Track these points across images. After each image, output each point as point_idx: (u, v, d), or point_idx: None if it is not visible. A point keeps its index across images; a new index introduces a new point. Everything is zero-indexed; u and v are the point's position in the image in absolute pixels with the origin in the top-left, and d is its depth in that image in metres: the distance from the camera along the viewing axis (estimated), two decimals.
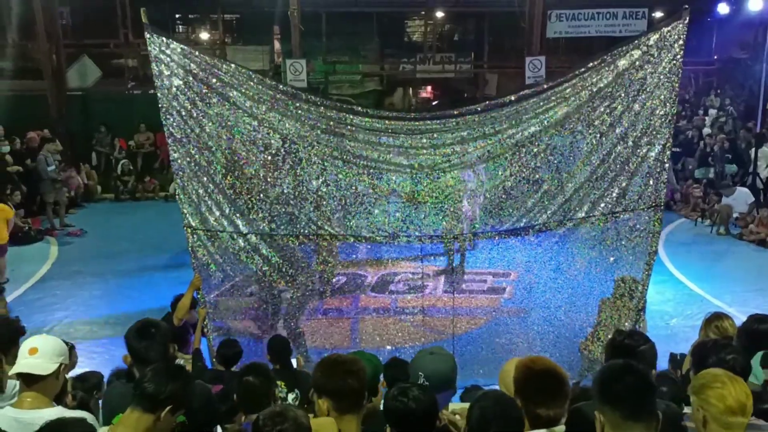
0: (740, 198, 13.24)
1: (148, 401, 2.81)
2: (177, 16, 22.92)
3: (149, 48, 5.39)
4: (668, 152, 5.70)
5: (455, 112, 5.90)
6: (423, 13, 22.82)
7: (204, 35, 22.94)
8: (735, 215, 13.17)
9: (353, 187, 5.97)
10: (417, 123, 5.91)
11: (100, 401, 5.05)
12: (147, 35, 5.38)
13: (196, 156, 5.61)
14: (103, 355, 7.29)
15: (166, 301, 6.35)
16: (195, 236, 5.76)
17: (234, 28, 23.83)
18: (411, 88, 24.34)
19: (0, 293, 5.44)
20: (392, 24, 23.76)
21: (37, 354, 3.15)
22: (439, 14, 22.70)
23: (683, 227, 13.78)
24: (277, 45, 21.76)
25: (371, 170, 5.96)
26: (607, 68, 5.61)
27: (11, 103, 15.96)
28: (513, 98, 5.81)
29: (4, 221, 10.32)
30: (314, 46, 20.61)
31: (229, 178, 5.76)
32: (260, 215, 5.90)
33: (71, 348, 5.13)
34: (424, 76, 22.79)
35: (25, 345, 3.23)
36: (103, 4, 20.01)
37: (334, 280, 6.45)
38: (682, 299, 9.38)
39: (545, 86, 5.80)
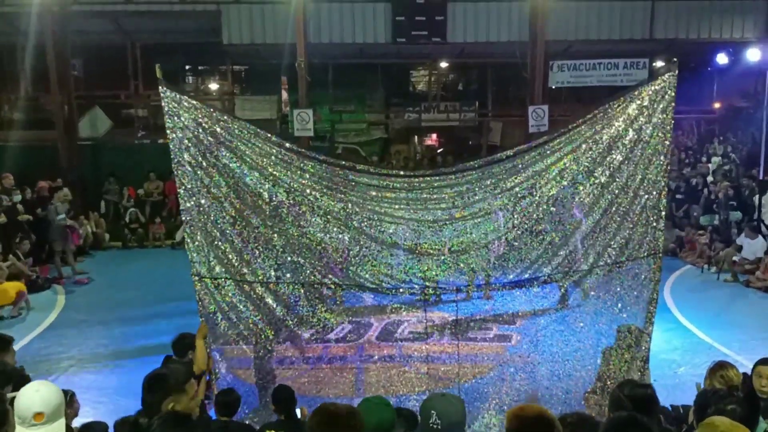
0: (755, 246, 13.23)
1: None
2: (187, 67, 23.44)
3: (163, 102, 5.54)
4: (664, 200, 5.77)
5: (453, 169, 6.05)
6: (427, 63, 23.27)
7: (213, 86, 23.44)
8: (735, 258, 13.16)
9: (355, 240, 6.06)
10: (417, 180, 6.05)
11: None
12: (161, 90, 5.54)
13: (206, 206, 5.72)
14: (107, 405, 7.25)
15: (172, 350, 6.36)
16: (202, 284, 5.82)
17: (242, 78, 24.33)
18: (416, 137, 24.64)
19: (9, 344, 5.46)
20: (397, 74, 24.22)
21: (44, 419, 3.05)
22: (444, 64, 23.16)
23: (689, 274, 13.74)
24: (284, 95, 22.13)
25: (373, 223, 6.05)
26: (602, 121, 5.73)
27: (23, 153, 16.25)
28: (511, 153, 5.91)
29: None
30: (321, 96, 20.99)
31: (236, 227, 5.85)
32: (266, 263, 5.97)
33: (71, 396, 5.14)
34: (429, 124, 23.12)
35: (28, 408, 3.08)
36: (114, 56, 20.55)
37: (338, 328, 6.45)
38: (689, 347, 9.29)
39: (541, 141, 5.89)
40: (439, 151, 24.11)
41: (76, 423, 5.19)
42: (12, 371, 4.38)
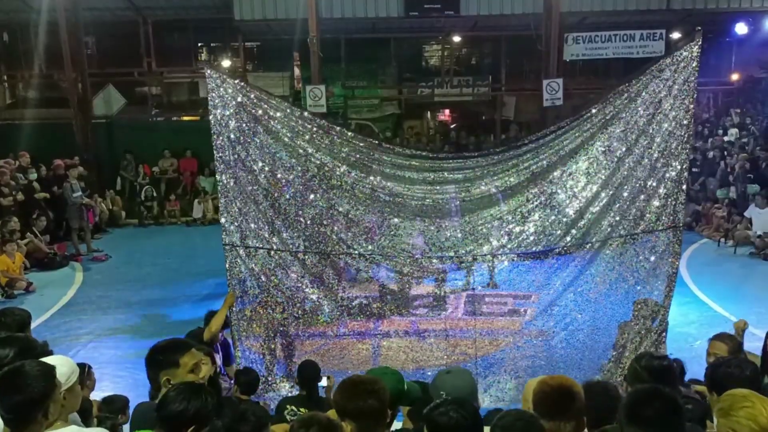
0: (766, 215, 13.09)
1: (172, 423, 2.83)
2: (199, 44, 23.35)
3: (207, 81, 5.86)
4: (686, 173, 5.73)
5: (475, 154, 6.26)
6: (440, 37, 23.02)
7: (226, 63, 23.33)
8: (749, 233, 13.06)
9: (380, 212, 6.27)
10: (438, 162, 6.28)
11: (127, 425, 5.15)
12: (206, 71, 5.89)
13: (241, 178, 6.00)
14: (127, 378, 7.38)
15: (190, 324, 6.45)
16: (234, 252, 6.06)
17: (255, 55, 24.20)
18: (429, 112, 24.46)
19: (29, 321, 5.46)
20: (410, 49, 23.98)
21: None
22: (456, 38, 22.86)
23: (706, 248, 13.66)
24: (297, 71, 22.06)
25: (397, 198, 6.25)
26: (623, 100, 5.72)
27: (38, 132, 16.36)
28: (532, 137, 6.02)
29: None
30: (333, 72, 20.86)
31: (269, 198, 6.12)
32: (296, 234, 6.24)
33: (88, 369, 5.20)
34: (442, 99, 22.92)
35: None
36: (127, 33, 20.51)
37: (356, 302, 6.56)
38: (705, 321, 9.27)
39: (561, 124, 5.95)
40: (452, 126, 23.93)
41: (94, 396, 5.28)
42: (41, 349, 4.40)
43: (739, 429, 2.66)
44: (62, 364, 3.08)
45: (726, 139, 18.11)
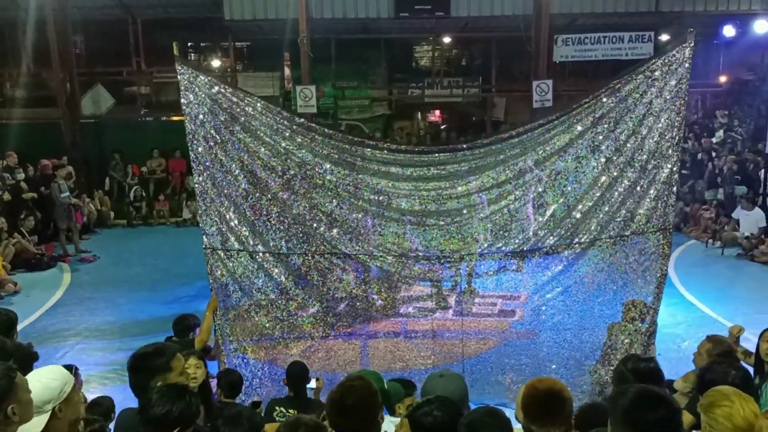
0: (753, 217, 13.17)
1: (157, 426, 2.81)
2: (189, 44, 23.25)
3: (179, 78, 5.64)
4: (676, 175, 5.74)
5: (463, 146, 6.12)
6: (431, 38, 23.05)
7: (215, 62, 23.25)
8: (737, 234, 13.15)
9: (364, 211, 6.16)
10: (424, 157, 6.11)
11: (112, 425, 5.11)
12: (177, 67, 5.64)
13: (219, 179, 5.84)
14: (114, 380, 7.33)
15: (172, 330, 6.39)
16: (215, 257, 5.92)
17: (245, 55, 24.14)
18: (419, 113, 24.49)
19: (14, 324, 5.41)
20: (400, 49, 24.00)
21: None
22: (447, 39, 22.91)
23: (693, 249, 13.73)
24: (287, 71, 22.02)
25: (381, 196, 6.16)
26: (611, 95, 5.70)
27: (26, 131, 16.21)
28: (521, 130, 5.93)
29: None
30: (323, 72, 20.83)
31: (249, 199, 5.98)
32: (278, 235, 6.10)
33: (75, 370, 5.13)
34: (432, 100, 22.95)
35: None
36: (116, 32, 20.40)
37: (343, 303, 6.52)
38: (693, 322, 9.32)
39: (552, 117, 5.89)
40: (442, 127, 23.97)
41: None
42: (14, 348, 4.31)
43: (716, 426, 2.69)
44: (52, 381, 2.95)
45: (712, 140, 18.25)
